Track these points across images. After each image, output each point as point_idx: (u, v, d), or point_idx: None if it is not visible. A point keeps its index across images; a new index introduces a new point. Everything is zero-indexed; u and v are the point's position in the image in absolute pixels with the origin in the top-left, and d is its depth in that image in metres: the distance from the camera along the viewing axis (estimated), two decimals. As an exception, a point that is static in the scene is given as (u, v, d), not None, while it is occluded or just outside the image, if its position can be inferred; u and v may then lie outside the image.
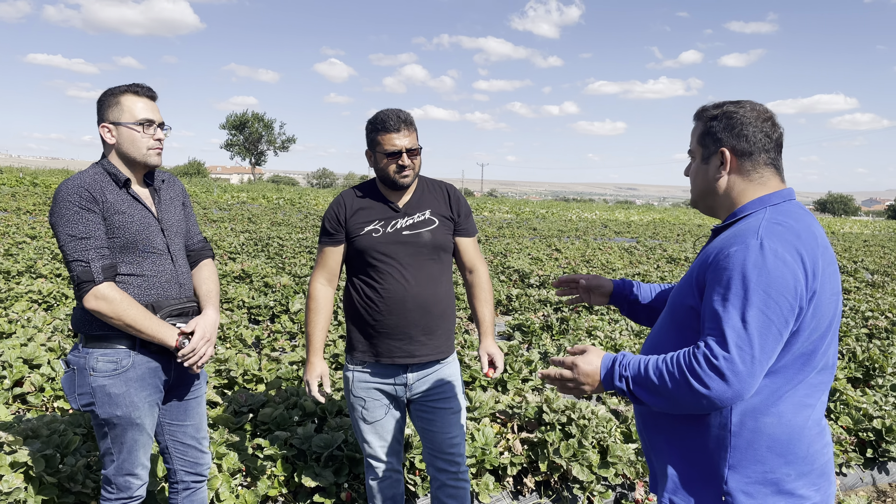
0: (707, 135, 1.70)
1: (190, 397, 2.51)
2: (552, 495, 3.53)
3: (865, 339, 6.84)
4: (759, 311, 1.44)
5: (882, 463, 4.20)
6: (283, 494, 3.22)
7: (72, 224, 2.17)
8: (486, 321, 2.75)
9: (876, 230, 37.95)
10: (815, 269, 1.51)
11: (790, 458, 1.57)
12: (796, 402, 1.57)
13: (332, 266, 2.66)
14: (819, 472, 1.61)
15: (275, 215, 21.38)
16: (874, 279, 11.96)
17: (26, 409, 3.96)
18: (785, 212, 1.60)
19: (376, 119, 2.56)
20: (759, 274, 1.46)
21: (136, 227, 2.28)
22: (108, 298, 2.17)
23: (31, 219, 14.51)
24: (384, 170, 2.55)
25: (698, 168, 1.75)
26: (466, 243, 2.73)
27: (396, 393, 2.64)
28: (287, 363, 4.49)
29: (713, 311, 1.49)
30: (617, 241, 18.77)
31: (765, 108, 1.69)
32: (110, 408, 2.25)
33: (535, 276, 10.10)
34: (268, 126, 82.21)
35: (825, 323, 1.56)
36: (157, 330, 2.24)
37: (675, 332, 1.68)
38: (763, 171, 1.67)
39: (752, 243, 1.49)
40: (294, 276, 8.75)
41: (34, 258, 8.73)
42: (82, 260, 2.16)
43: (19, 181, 28.35)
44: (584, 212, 41.26)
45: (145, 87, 2.34)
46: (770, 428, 1.56)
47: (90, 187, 2.22)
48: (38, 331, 5.18)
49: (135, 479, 2.37)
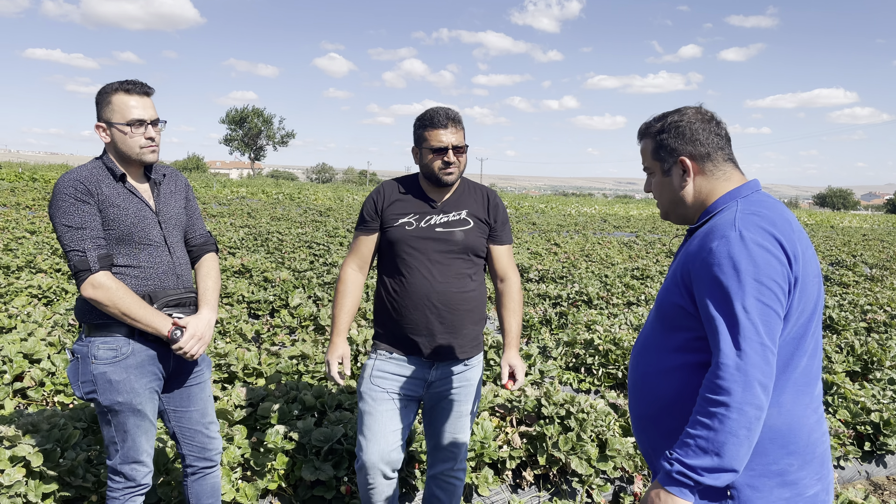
0: (661, 148, 1.74)
1: (191, 384, 2.55)
2: (551, 489, 3.54)
3: (864, 332, 6.86)
4: (756, 299, 1.46)
5: (880, 456, 4.22)
6: (282, 488, 3.23)
7: (68, 215, 2.23)
8: (512, 332, 2.72)
9: (875, 224, 37.96)
10: (794, 254, 1.53)
11: (792, 448, 1.57)
12: (794, 390, 1.58)
13: (364, 253, 2.66)
14: (820, 460, 1.62)
15: (274, 210, 21.38)
16: (873, 273, 11.98)
17: (26, 404, 3.97)
18: (756, 202, 1.63)
19: (424, 115, 2.56)
20: (746, 264, 1.48)
21: (131, 220, 2.33)
22: (104, 287, 2.22)
23: (30, 214, 14.50)
24: (429, 166, 2.55)
25: (661, 182, 1.78)
26: (500, 251, 2.71)
27: (414, 388, 2.61)
28: (287, 357, 4.50)
29: (711, 313, 1.50)
30: (616, 236, 18.78)
31: (705, 110, 1.74)
32: (111, 394, 2.30)
33: (535, 270, 10.11)
34: (267, 121, 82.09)
35: (811, 305, 1.58)
36: (152, 319, 2.29)
37: (665, 330, 1.69)
38: (723, 167, 1.71)
39: (731, 235, 1.52)
40: (294, 271, 8.75)
41: (34, 253, 8.73)
42: (78, 249, 2.22)
43: (18, 176, 28.33)
44: (583, 206, 41.25)
45: (138, 84, 2.34)
46: (771, 419, 1.56)
47: (86, 180, 2.27)
48: (38, 326, 5.19)
49: (140, 467, 2.41)
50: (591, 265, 11.23)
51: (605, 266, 11.31)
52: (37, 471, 2.79)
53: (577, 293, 8.18)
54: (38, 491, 2.74)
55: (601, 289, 8.59)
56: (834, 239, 21.54)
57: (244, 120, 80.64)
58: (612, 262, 11.85)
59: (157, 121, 2.38)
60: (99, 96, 2.36)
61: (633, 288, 8.84)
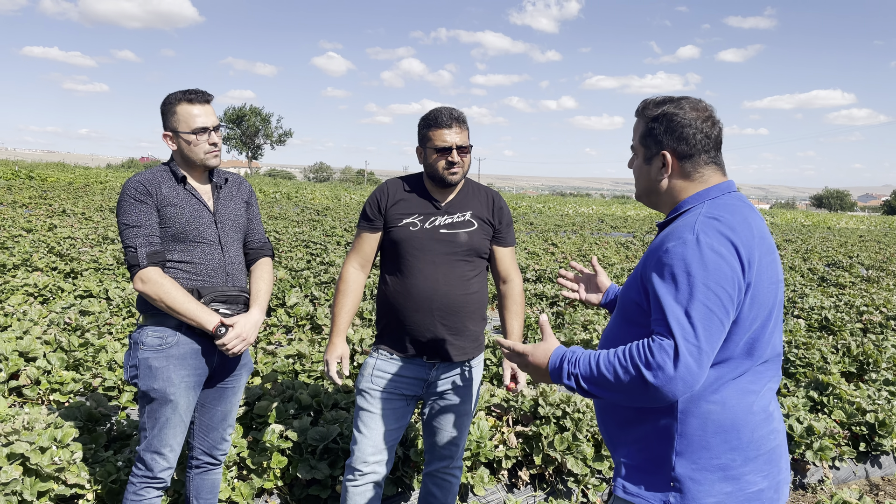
0: (648, 136, 1.74)
1: (227, 385, 2.65)
2: (547, 488, 3.55)
3: (860, 333, 6.87)
4: (701, 303, 1.48)
5: (875, 457, 4.23)
6: (278, 487, 3.23)
7: (126, 214, 2.40)
8: (515, 333, 2.73)
9: (872, 225, 38.04)
10: (750, 260, 1.55)
11: (735, 443, 1.60)
12: (740, 388, 1.61)
13: (366, 252, 2.66)
14: (766, 458, 1.64)
15: (271, 209, 21.35)
16: (869, 274, 12.01)
17: (22, 402, 3.97)
18: (721, 205, 1.64)
19: (429, 115, 2.55)
20: (697, 268, 1.50)
21: (186, 218, 2.46)
22: (151, 281, 2.36)
23: (26, 212, 14.47)
24: (433, 166, 2.54)
25: (641, 167, 1.79)
26: (503, 253, 2.71)
27: (413, 388, 2.61)
28: (283, 356, 4.50)
29: (659, 306, 1.53)
30: (613, 236, 18.79)
31: (704, 106, 1.72)
32: (149, 380, 2.41)
33: (532, 270, 10.12)
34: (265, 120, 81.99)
35: (765, 312, 1.59)
36: (197, 314, 2.40)
37: (625, 326, 1.72)
38: (703, 171, 1.71)
39: (688, 238, 1.54)
40: (290, 270, 8.75)
41: (30, 251, 8.72)
42: (132, 246, 2.38)
43: (15, 174, 28.27)
44: (580, 206, 41.29)
45: (199, 93, 2.49)
46: (714, 415, 1.59)
47: (147, 182, 2.43)
48: (34, 324, 5.18)
49: (161, 459, 2.46)
50: (589, 265, 11.25)
51: (603, 266, 11.32)
52: (33, 468, 2.79)
53: (573, 293, 8.18)
54: (34, 489, 2.74)
55: (598, 289, 8.58)
56: (830, 240, 21.58)
57: (242, 119, 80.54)
58: (610, 263, 11.86)
59: (217, 126, 2.51)
60: (164, 107, 2.49)
61: (629, 288, 8.84)
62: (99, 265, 8.27)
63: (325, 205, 26.41)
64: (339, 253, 10.78)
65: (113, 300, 6.33)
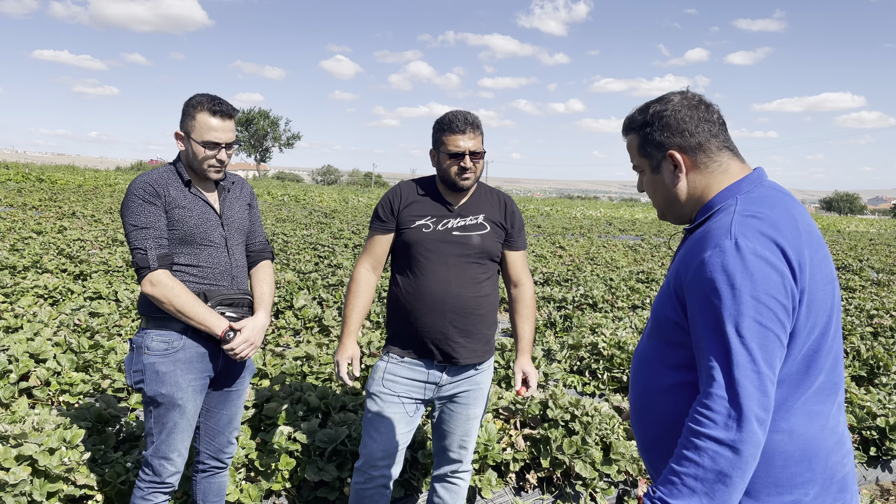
0: (647, 143, 1.57)
1: (231, 389, 2.64)
2: (555, 492, 3.53)
3: (870, 337, 6.83)
4: (753, 320, 1.29)
5: (885, 461, 4.20)
6: (286, 489, 3.23)
7: (135, 215, 2.35)
8: (525, 338, 2.73)
9: (882, 229, 37.80)
10: (800, 262, 1.34)
11: (807, 476, 1.40)
12: (806, 411, 1.40)
13: (378, 253, 2.65)
14: (840, 486, 1.44)
15: (279, 212, 21.42)
16: (879, 278, 11.93)
17: (32, 403, 3.99)
18: (758, 199, 1.43)
19: (443, 119, 2.55)
20: (742, 279, 1.30)
21: (194, 221, 2.44)
22: (161, 284, 2.33)
23: (36, 214, 14.56)
24: (446, 170, 2.54)
25: (652, 180, 1.61)
26: (515, 256, 2.71)
27: (424, 391, 2.60)
28: (291, 359, 4.51)
29: (701, 334, 1.35)
30: (622, 239, 18.75)
31: (692, 94, 1.55)
32: (156, 385, 2.38)
33: (540, 273, 10.11)
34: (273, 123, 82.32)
35: (823, 317, 1.39)
36: (205, 318, 2.37)
37: (662, 345, 1.53)
38: (720, 158, 1.52)
39: (726, 244, 1.33)
40: (298, 273, 8.76)
41: (40, 253, 8.77)
42: (141, 248, 2.34)
43: (25, 177, 28.46)
44: (588, 209, 41.20)
45: (225, 105, 2.43)
46: (783, 445, 1.39)
47: (155, 183, 2.39)
48: (45, 325, 5.21)
49: (168, 465, 2.45)
50: (596, 268, 11.22)
51: (610, 269, 11.29)
52: (42, 469, 2.80)
53: (581, 296, 8.17)
54: (43, 490, 2.75)
55: (606, 292, 8.58)
56: (840, 243, 21.46)
57: (251, 122, 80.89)
58: (618, 266, 11.83)
59: (231, 144, 2.46)
60: (186, 107, 2.44)
61: (637, 291, 8.82)
62: (108, 267, 8.31)
63: (333, 207, 26.47)
64: (347, 255, 10.79)
65: (122, 302, 6.36)
